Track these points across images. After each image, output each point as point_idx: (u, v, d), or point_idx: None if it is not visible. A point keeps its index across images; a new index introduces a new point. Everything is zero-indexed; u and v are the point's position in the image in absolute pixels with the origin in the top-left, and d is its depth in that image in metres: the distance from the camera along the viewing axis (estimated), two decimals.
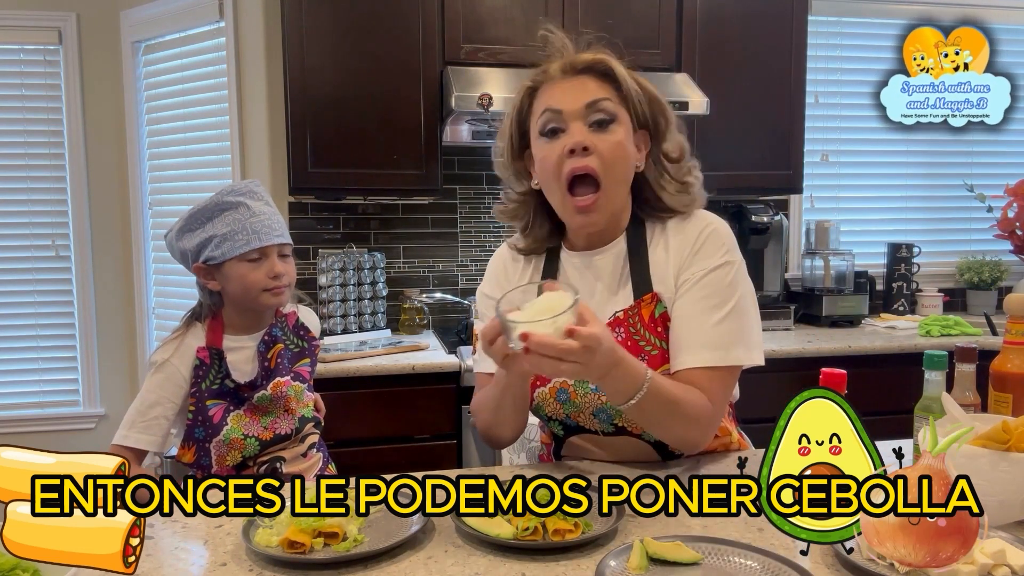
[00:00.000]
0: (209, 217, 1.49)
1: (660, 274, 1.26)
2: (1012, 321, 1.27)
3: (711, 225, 1.27)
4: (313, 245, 2.85)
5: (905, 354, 2.62)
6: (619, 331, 1.25)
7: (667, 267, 1.26)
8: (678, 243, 1.27)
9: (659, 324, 1.25)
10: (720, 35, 2.76)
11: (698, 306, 1.22)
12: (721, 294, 1.22)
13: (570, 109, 1.21)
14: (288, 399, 1.54)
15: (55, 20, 3.11)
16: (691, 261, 1.25)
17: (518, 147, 1.32)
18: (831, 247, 3.09)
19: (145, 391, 1.51)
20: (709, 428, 1.23)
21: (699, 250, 1.25)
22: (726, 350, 1.21)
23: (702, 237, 1.26)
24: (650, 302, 1.25)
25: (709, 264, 1.24)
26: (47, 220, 3.20)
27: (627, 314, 1.26)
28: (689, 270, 1.25)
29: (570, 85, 1.23)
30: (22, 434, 3.16)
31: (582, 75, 1.24)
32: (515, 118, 1.30)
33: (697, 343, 1.21)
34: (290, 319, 1.62)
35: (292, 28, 2.48)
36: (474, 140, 2.87)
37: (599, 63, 1.24)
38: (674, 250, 1.27)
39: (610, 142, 1.21)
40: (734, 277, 1.24)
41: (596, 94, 1.22)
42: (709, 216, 1.30)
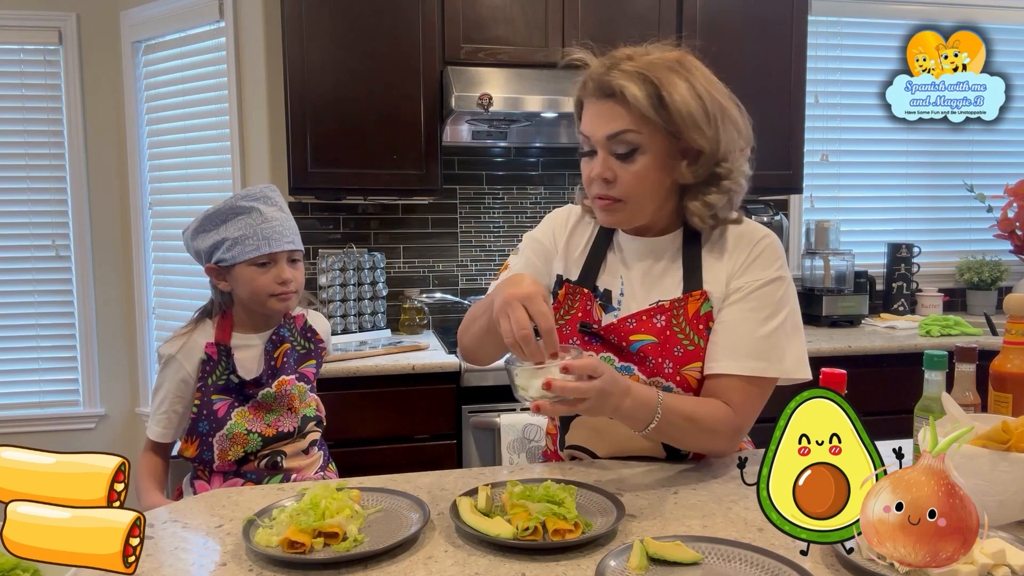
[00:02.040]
0: (223, 220, 1.52)
1: (712, 275, 1.29)
2: (1012, 321, 1.27)
3: (767, 238, 1.31)
4: (313, 245, 2.85)
5: (905, 354, 2.62)
6: (659, 318, 1.27)
7: (720, 271, 1.29)
8: (733, 250, 1.29)
9: (702, 322, 1.27)
10: (720, 35, 2.75)
11: (746, 316, 1.25)
12: (770, 307, 1.25)
13: (596, 137, 1.23)
14: (292, 398, 1.57)
15: (55, 20, 3.10)
16: (744, 270, 1.28)
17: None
18: (831, 247, 3.09)
19: (156, 385, 1.56)
20: (733, 437, 1.25)
21: (754, 260, 1.28)
22: (767, 362, 1.23)
23: (758, 248, 1.29)
24: (698, 299, 1.27)
25: (763, 276, 1.27)
26: (47, 220, 3.20)
27: (672, 304, 1.27)
28: (742, 279, 1.27)
29: (598, 111, 1.23)
30: (22, 434, 3.16)
31: (611, 99, 1.21)
32: (576, 116, 1.31)
33: (739, 351, 1.24)
34: (298, 321, 1.65)
35: (292, 28, 2.48)
36: (474, 140, 2.87)
37: (620, 92, 1.19)
38: (728, 256, 1.29)
39: (632, 172, 1.22)
40: (784, 292, 1.28)
41: (618, 125, 1.20)
42: (764, 229, 1.33)
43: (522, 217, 3.09)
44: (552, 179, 3.09)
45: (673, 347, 1.25)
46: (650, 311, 1.28)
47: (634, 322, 1.28)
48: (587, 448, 1.36)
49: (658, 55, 1.23)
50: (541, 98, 2.51)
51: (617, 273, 1.35)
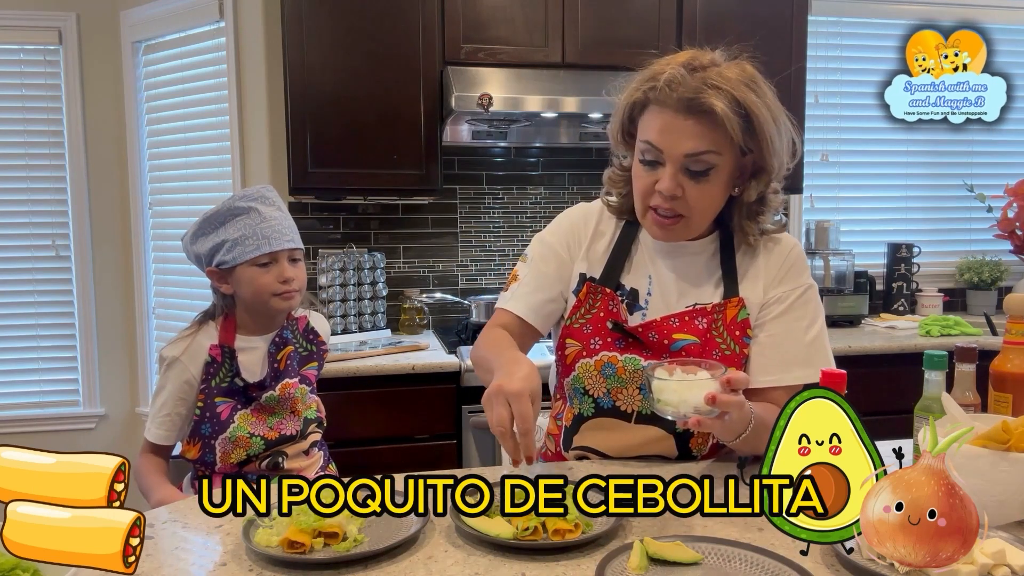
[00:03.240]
0: (221, 222, 1.51)
1: (749, 283, 1.30)
2: (1012, 321, 1.27)
3: (798, 247, 1.34)
4: (313, 245, 2.84)
5: (905, 354, 2.62)
6: (701, 321, 1.28)
7: (757, 279, 1.30)
8: (768, 259, 1.31)
9: (739, 328, 1.28)
10: (720, 35, 2.73)
11: (793, 326, 1.28)
12: (811, 315, 1.29)
13: (672, 153, 1.18)
14: (294, 401, 1.57)
15: (55, 20, 3.10)
16: (781, 279, 1.30)
17: (627, 132, 1.29)
18: (831, 247, 3.09)
19: (158, 387, 1.55)
20: None
21: (790, 269, 1.31)
22: (813, 368, 1.24)
23: (792, 258, 1.31)
24: (736, 305, 1.29)
25: (800, 284, 1.30)
26: (47, 220, 3.20)
27: (714, 308, 1.29)
28: (779, 288, 1.30)
29: (680, 126, 1.16)
30: (22, 434, 3.16)
31: (690, 115, 1.15)
32: (627, 112, 1.26)
33: (792, 362, 1.27)
34: (301, 323, 1.65)
35: (292, 28, 2.48)
36: (474, 140, 2.87)
37: (709, 111, 1.14)
38: (764, 266, 1.31)
39: (701, 191, 1.20)
40: (817, 298, 1.32)
41: (699, 146, 1.16)
42: (790, 235, 1.36)
43: (522, 217, 3.09)
44: (552, 179, 3.09)
45: (712, 350, 1.26)
46: (690, 313, 1.28)
47: (676, 321, 1.28)
48: (598, 449, 1.35)
49: (735, 72, 1.18)
50: (541, 98, 2.51)
51: (645, 273, 1.34)
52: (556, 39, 2.63)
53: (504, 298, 1.37)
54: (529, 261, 1.39)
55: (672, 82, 1.16)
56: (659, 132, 1.18)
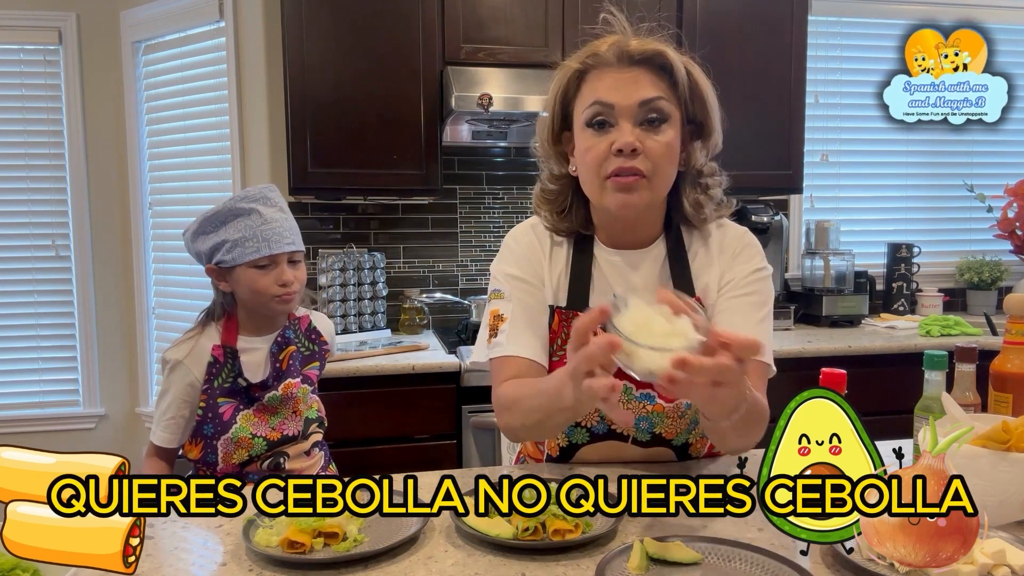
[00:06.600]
0: (222, 222, 1.51)
1: (702, 281, 1.26)
2: (1012, 321, 1.27)
3: (748, 234, 1.31)
4: (313, 245, 2.85)
5: (905, 354, 2.62)
6: None
7: (710, 275, 1.26)
8: (720, 248, 1.27)
9: None
10: (720, 35, 2.76)
11: (745, 303, 1.24)
12: (762, 295, 1.25)
13: (622, 105, 1.14)
14: (296, 400, 1.57)
15: (55, 20, 3.11)
16: (733, 264, 1.26)
17: (559, 129, 1.25)
18: (831, 247, 3.09)
19: (161, 391, 1.55)
20: (766, 426, 1.20)
21: (740, 252, 1.27)
22: (766, 349, 1.21)
23: (743, 242, 1.28)
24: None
25: (752, 266, 1.26)
26: (47, 220, 3.20)
27: None
28: (732, 271, 1.26)
29: (624, 78, 1.15)
30: (22, 434, 3.16)
31: (637, 67, 1.15)
32: (559, 100, 1.22)
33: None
34: (303, 323, 1.65)
35: (292, 28, 2.48)
36: (474, 140, 2.87)
37: (658, 56, 1.15)
38: (716, 257, 1.27)
39: (661, 143, 1.15)
40: (770, 284, 1.28)
41: (651, 92, 1.14)
42: (741, 226, 1.32)
43: (522, 217, 3.07)
44: None
45: None
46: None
47: None
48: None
49: (665, 43, 1.21)
50: (541, 98, 2.48)
51: (607, 291, 1.28)
52: (556, 39, 2.63)
53: (499, 345, 1.24)
54: (508, 298, 1.27)
55: (614, 45, 1.18)
56: (609, 88, 1.15)
